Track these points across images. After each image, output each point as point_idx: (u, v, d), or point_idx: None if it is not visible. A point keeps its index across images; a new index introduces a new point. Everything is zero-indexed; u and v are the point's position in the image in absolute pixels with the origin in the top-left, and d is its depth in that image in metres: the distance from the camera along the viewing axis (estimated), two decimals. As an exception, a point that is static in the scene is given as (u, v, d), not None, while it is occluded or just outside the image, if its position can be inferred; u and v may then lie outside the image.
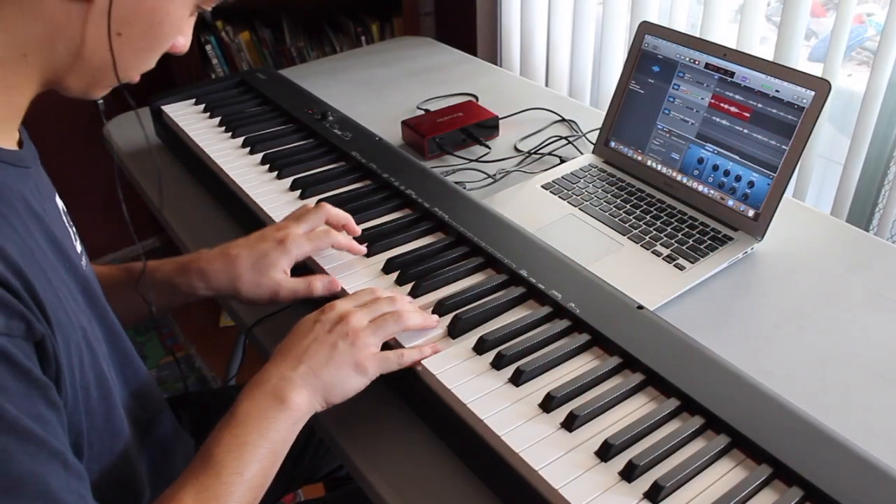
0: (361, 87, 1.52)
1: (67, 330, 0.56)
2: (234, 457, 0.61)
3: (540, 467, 0.61)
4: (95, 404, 0.61)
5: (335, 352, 0.68)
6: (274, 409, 0.65)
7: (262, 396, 0.65)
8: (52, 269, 0.58)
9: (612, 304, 0.77)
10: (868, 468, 0.60)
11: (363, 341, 0.69)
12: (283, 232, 0.82)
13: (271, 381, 0.66)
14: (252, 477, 0.62)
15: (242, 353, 1.75)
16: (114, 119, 1.41)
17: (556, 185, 1.12)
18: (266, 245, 0.80)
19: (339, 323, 0.70)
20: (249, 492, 0.61)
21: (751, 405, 0.65)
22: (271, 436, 0.64)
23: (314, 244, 0.82)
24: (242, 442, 0.62)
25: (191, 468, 0.61)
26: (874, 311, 0.89)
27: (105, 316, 0.66)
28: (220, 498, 0.59)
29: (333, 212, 0.86)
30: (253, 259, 0.80)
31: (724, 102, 1.03)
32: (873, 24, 1.53)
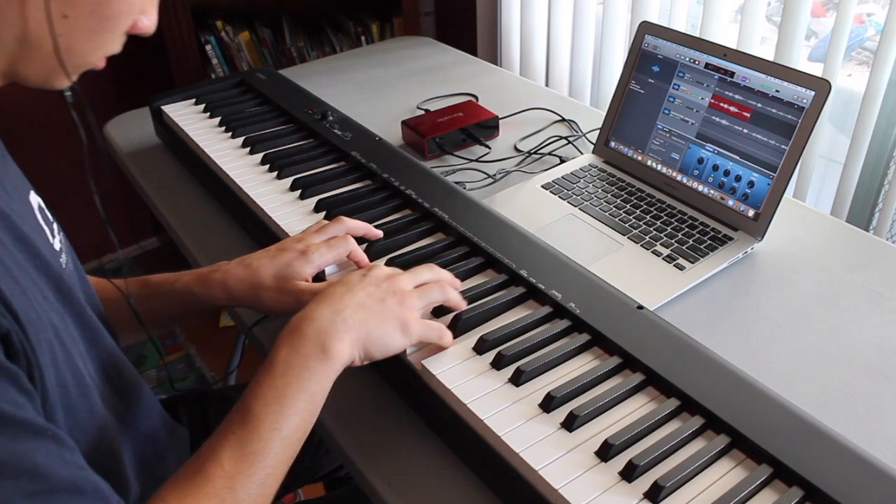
0: (361, 87, 1.52)
1: (37, 327, 0.55)
2: (272, 410, 0.60)
3: (540, 467, 0.61)
4: (76, 402, 0.60)
5: (384, 306, 0.68)
6: (315, 358, 0.63)
7: (304, 343, 0.64)
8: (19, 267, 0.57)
9: (612, 304, 0.77)
10: (868, 468, 0.60)
11: (410, 302, 0.70)
12: (304, 243, 0.82)
13: (313, 325, 0.65)
14: (291, 431, 0.61)
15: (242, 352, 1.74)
16: (114, 119, 1.41)
17: (556, 185, 1.12)
18: (288, 255, 0.80)
19: (387, 281, 0.71)
20: (288, 446, 0.61)
21: (751, 405, 0.65)
22: (311, 387, 0.63)
23: (335, 251, 0.82)
24: (281, 395, 0.61)
25: (228, 422, 0.61)
26: (874, 311, 0.89)
27: (82, 313, 0.65)
28: (259, 453, 0.59)
29: (352, 223, 0.86)
30: (275, 270, 0.79)
31: (725, 102, 1.03)
32: (873, 24, 1.53)
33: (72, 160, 2.18)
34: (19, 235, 0.59)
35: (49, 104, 2.08)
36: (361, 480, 0.72)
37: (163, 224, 1.15)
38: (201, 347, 2.20)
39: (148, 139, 1.32)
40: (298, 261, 0.79)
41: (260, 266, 0.79)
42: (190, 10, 1.92)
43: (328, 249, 0.81)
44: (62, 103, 0.64)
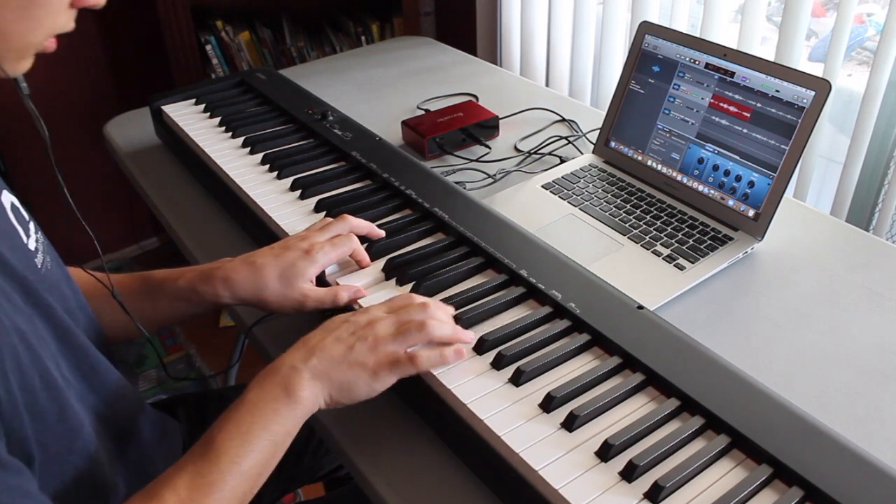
0: (361, 87, 1.52)
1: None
2: (234, 445, 0.61)
3: (540, 467, 0.61)
4: (44, 405, 0.59)
5: (351, 352, 0.67)
6: (280, 401, 0.64)
7: (271, 386, 0.65)
8: None
9: (612, 304, 0.77)
10: (868, 468, 0.60)
11: (382, 348, 0.68)
12: (308, 241, 0.81)
13: (282, 371, 0.66)
14: (250, 467, 0.61)
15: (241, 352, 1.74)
16: (114, 119, 1.41)
17: (556, 185, 1.12)
18: (292, 254, 0.79)
19: (366, 327, 0.69)
20: (246, 482, 0.61)
21: (751, 405, 0.65)
22: (274, 428, 0.63)
23: (339, 250, 0.81)
24: (244, 431, 0.62)
25: (190, 452, 0.61)
26: (874, 311, 0.89)
27: (51, 314, 0.65)
28: (215, 485, 0.59)
29: (356, 221, 0.86)
30: (279, 269, 0.78)
31: (725, 102, 1.03)
32: (873, 24, 1.53)
33: (67, 162, 2.18)
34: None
35: (47, 104, 2.08)
36: (361, 480, 0.72)
37: (163, 224, 1.15)
38: (201, 347, 2.20)
39: (148, 139, 1.32)
40: (302, 260, 0.79)
41: (264, 265, 0.78)
42: (190, 10, 1.92)
43: (332, 248, 0.81)
44: (58, 107, 0.64)
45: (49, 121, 0.72)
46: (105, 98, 2.22)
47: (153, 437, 0.80)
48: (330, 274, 0.85)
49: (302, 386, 0.65)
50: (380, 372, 0.67)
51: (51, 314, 0.65)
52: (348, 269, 0.86)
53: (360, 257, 0.85)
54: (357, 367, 0.67)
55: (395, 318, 0.71)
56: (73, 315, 0.72)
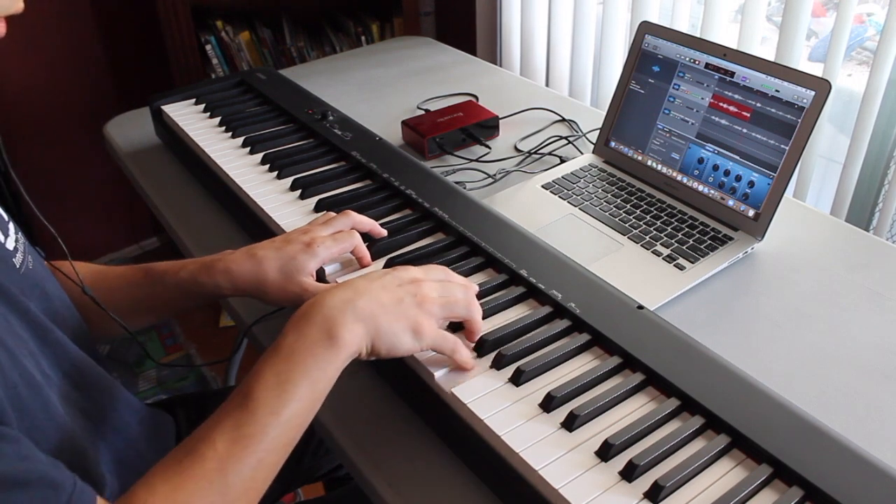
0: (361, 87, 1.52)
1: None
2: (272, 395, 0.59)
3: (540, 467, 0.61)
4: (28, 402, 0.58)
5: (400, 304, 0.66)
6: (321, 345, 0.61)
7: (311, 329, 0.62)
8: None
9: (612, 303, 0.77)
10: (868, 468, 0.60)
11: (429, 308, 0.67)
12: (310, 235, 0.80)
13: (322, 312, 0.63)
14: (290, 417, 0.59)
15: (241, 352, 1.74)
16: (114, 119, 1.41)
17: (556, 185, 1.12)
18: (293, 248, 0.79)
19: (412, 283, 0.68)
20: (286, 433, 0.59)
21: (751, 405, 0.65)
22: (314, 374, 0.61)
23: (340, 245, 0.81)
24: (283, 380, 0.59)
25: (228, 404, 0.59)
26: (874, 311, 0.89)
27: (26, 311, 0.64)
28: (255, 436, 0.57)
29: (359, 218, 0.85)
30: (280, 262, 0.78)
31: (725, 102, 1.03)
32: (873, 24, 1.53)
33: (66, 162, 2.18)
34: None
35: (46, 104, 2.08)
36: (361, 480, 0.72)
37: (163, 224, 1.15)
38: (201, 347, 2.20)
39: (148, 139, 1.32)
40: (303, 254, 0.78)
41: (265, 258, 0.78)
42: (190, 10, 1.92)
43: (333, 243, 0.80)
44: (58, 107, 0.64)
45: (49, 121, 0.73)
46: (105, 98, 2.22)
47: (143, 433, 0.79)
48: (331, 273, 0.85)
49: (346, 328, 0.62)
50: (425, 330, 0.66)
51: (25, 311, 0.64)
52: (350, 269, 0.86)
53: (362, 254, 0.84)
54: (404, 318, 0.66)
55: (439, 285, 0.70)
56: (55, 313, 0.71)
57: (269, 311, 0.87)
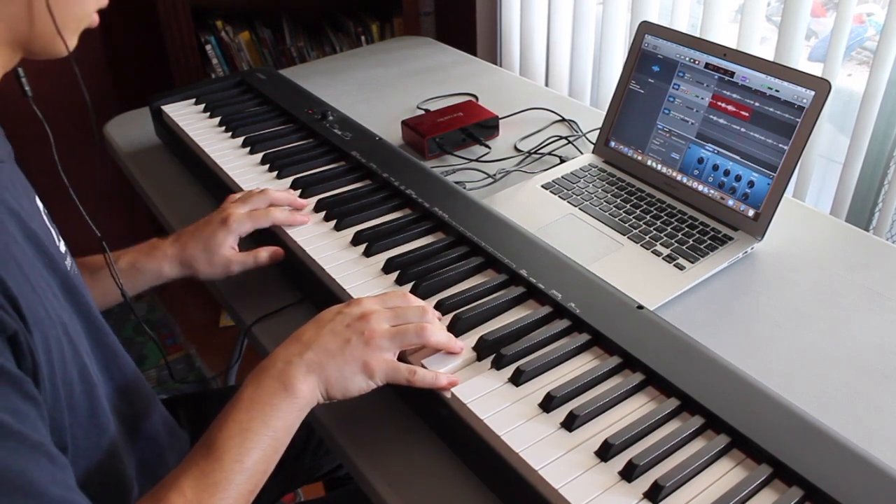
0: (361, 87, 1.52)
1: (46, 325, 0.56)
2: (235, 443, 0.61)
3: (540, 467, 0.61)
4: (79, 399, 0.60)
5: (347, 346, 0.67)
6: (278, 396, 0.64)
7: (268, 381, 0.65)
8: (29, 264, 0.58)
9: (612, 303, 0.77)
10: (868, 468, 0.60)
11: (378, 343, 0.68)
12: (226, 213, 0.89)
13: (277, 366, 0.66)
14: (253, 464, 0.61)
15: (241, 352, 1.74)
16: (114, 119, 1.41)
17: (556, 185, 1.12)
18: (211, 227, 0.88)
19: (360, 320, 0.69)
20: (250, 479, 0.61)
21: (751, 405, 0.65)
22: (274, 423, 0.63)
23: (255, 222, 0.89)
24: (245, 428, 0.62)
25: (192, 453, 0.61)
26: (874, 311, 0.89)
27: (88, 312, 0.66)
28: (220, 484, 0.59)
29: (276, 194, 0.93)
30: (202, 242, 0.87)
31: (724, 102, 1.03)
32: (873, 24, 1.53)
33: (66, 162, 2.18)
34: (29, 233, 0.60)
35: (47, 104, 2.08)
36: (361, 480, 0.72)
37: (163, 224, 1.15)
38: (201, 347, 2.20)
39: (148, 139, 1.32)
40: (221, 231, 0.87)
41: (189, 241, 0.88)
42: (190, 10, 1.92)
43: (248, 220, 0.89)
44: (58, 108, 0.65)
45: (49, 121, 0.73)
46: (105, 98, 2.21)
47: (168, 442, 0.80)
48: (330, 268, 0.85)
49: (299, 379, 0.65)
50: (375, 369, 0.67)
51: (86, 312, 0.66)
52: (347, 271, 0.86)
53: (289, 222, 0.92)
54: (352, 362, 0.67)
55: (391, 314, 0.71)
56: None
57: (268, 311, 0.88)
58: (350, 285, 0.83)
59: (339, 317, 0.69)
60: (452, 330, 0.75)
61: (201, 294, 2.36)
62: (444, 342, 0.72)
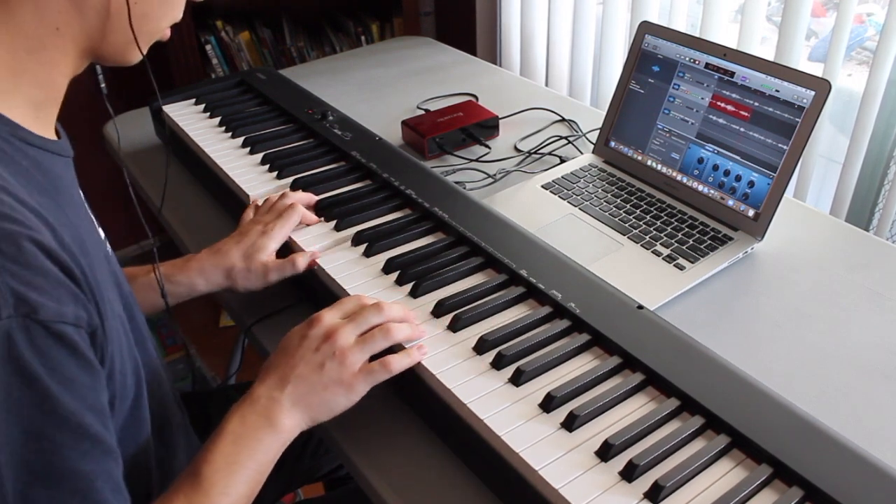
0: (361, 87, 1.52)
1: (110, 318, 0.57)
2: (222, 476, 0.62)
3: (540, 467, 0.61)
4: (129, 391, 0.62)
5: (322, 373, 0.68)
6: (263, 431, 0.66)
7: (253, 416, 0.66)
8: (96, 257, 0.59)
9: (612, 303, 0.77)
10: (868, 468, 0.60)
11: (351, 360, 0.69)
12: (261, 223, 0.90)
13: (261, 402, 0.67)
14: (238, 496, 0.63)
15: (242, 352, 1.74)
16: (114, 119, 1.40)
17: (556, 185, 1.12)
18: (251, 236, 0.89)
19: (326, 341, 0.69)
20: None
21: (751, 405, 0.65)
22: (259, 457, 0.65)
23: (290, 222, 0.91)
24: (231, 462, 0.63)
25: (179, 484, 0.62)
26: (874, 311, 0.89)
27: (128, 302, 0.67)
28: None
29: (297, 195, 0.95)
30: (242, 249, 0.87)
31: (724, 102, 1.03)
32: (873, 24, 1.53)
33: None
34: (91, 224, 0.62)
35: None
36: (361, 480, 0.72)
37: (163, 224, 1.15)
38: (201, 347, 2.20)
39: (148, 139, 1.32)
40: (261, 239, 0.88)
41: (229, 250, 0.88)
42: (190, 10, 1.92)
43: (283, 222, 0.90)
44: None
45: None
46: (105, 97, 2.21)
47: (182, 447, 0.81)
48: (330, 268, 0.85)
49: (284, 414, 0.67)
50: (355, 384, 0.69)
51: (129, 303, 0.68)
52: (348, 271, 0.86)
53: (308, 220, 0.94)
54: (332, 385, 0.68)
55: (353, 325, 0.71)
56: None
57: (268, 311, 0.88)
58: (350, 285, 0.83)
59: (306, 342, 0.70)
60: (452, 330, 0.75)
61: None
62: (408, 334, 0.73)
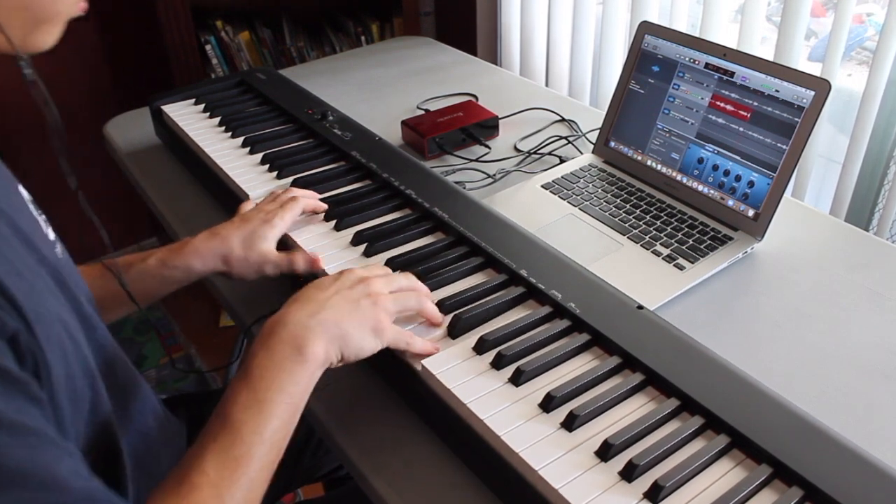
0: (361, 87, 1.52)
1: (46, 322, 0.55)
2: (252, 415, 0.60)
3: (540, 467, 0.61)
4: (82, 393, 0.60)
5: (358, 306, 0.68)
6: (291, 360, 0.63)
7: (279, 346, 0.64)
8: (22, 262, 0.57)
9: (612, 303, 0.77)
10: (868, 468, 0.60)
11: (384, 305, 0.70)
12: (263, 211, 0.89)
13: (288, 328, 0.65)
14: (272, 434, 0.60)
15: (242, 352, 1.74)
16: (114, 119, 1.41)
17: (556, 185, 1.12)
18: (253, 223, 0.87)
19: (361, 283, 0.70)
20: (271, 450, 0.60)
21: (751, 405, 0.65)
22: (290, 389, 0.62)
23: (292, 213, 0.90)
24: (260, 399, 0.61)
25: (209, 430, 0.60)
26: (874, 311, 0.89)
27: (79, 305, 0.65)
28: (241, 458, 0.58)
29: (300, 192, 0.94)
30: (242, 235, 0.85)
31: (724, 102, 1.03)
32: (873, 24, 1.53)
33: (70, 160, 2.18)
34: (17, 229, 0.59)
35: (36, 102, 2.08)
36: (361, 480, 0.72)
37: (163, 224, 1.15)
38: (201, 347, 2.20)
39: (148, 139, 1.32)
40: (263, 227, 0.86)
41: (228, 234, 0.86)
42: (190, 10, 1.92)
43: (285, 212, 0.89)
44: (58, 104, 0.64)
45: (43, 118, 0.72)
46: (105, 98, 2.22)
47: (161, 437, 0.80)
48: (330, 268, 0.85)
49: (314, 342, 0.64)
50: (385, 328, 0.69)
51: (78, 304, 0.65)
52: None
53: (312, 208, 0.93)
54: (364, 321, 0.68)
55: (385, 280, 0.73)
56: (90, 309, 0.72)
57: (268, 311, 0.88)
58: (350, 285, 0.83)
59: (340, 281, 0.71)
60: (452, 330, 0.76)
61: (201, 294, 2.36)
62: (434, 311, 0.75)
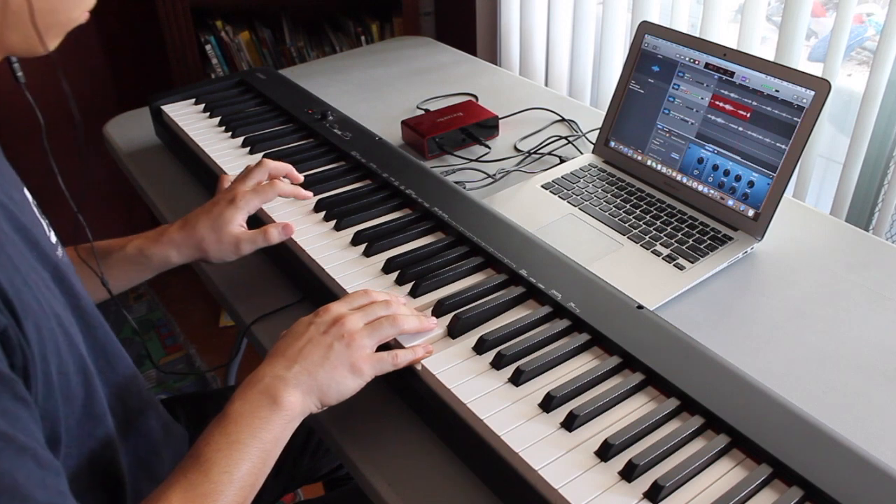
0: (361, 87, 1.52)
1: (39, 317, 0.56)
2: (223, 455, 0.61)
3: (540, 467, 0.61)
4: (76, 390, 0.60)
5: (331, 352, 0.68)
6: (266, 409, 0.64)
7: (255, 395, 0.65)
8: (20, 256, 0.57)
9: (612, 303, 0.77)
10: (868, 468, 0.60)
11: (359, 343, 0.69)
12: (232, 192, 0.89)
13: (264, 381, 0.66)
14: (242, 476, 0.61)
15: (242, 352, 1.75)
16: (114, 119, 1.41)
17: (556, 185, 1.12)
18: (219, 206, 0.87)
19: (335, 325, 0.70)
20: (239, 492, 0.61)
21: (751, 405, 0.65)
22: (262, 435, 0.63)
23: (262, 196, 0.89)
24: (233, 441, 0.62)
25: (181, 466, 0.61)
26: (874, 311, 0.89)
27: (78, 305, 0.66)
28: (209, 496, 0.59)
29: (274, 164, 0.93)
30: (210, 221, 0.86)
31: (724, 102, 1.03)
32: (873, 24, 1.53)
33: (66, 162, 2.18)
34: (19, 226, 0.60)
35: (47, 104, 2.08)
36: (361, 480, 0.72)
37: (163, 224, 1.15)
38: (201, 347, 2.20)
39: (148, 139, 1.32)
40: (229, 210, 0.87)
41: (197, 222, 0.87)
42: (190, 10, 1.92)
43: (254, 196, 0.88)
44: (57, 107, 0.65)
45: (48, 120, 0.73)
46: (105, 98, 2.22)
47: (163, 440, 0.80)
48: (329, 268, 0.85)
49: (287, 392, 0.65)
50: (362, 367, 0.69)
51: (77, 304, 0.66)
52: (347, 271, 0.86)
53: (292, 194, 0.92)
54: (339, 366, 0.68)
55: (361, 313, 0.72)
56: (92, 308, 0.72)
57: (268, 310, 0.88)
58: (350, 285, 0.83)
59: (313, 327, 0.70)
60: (452, 330, 0.76)
61: (201, 294, 2.36)
62: (416, 326, 0.74)
